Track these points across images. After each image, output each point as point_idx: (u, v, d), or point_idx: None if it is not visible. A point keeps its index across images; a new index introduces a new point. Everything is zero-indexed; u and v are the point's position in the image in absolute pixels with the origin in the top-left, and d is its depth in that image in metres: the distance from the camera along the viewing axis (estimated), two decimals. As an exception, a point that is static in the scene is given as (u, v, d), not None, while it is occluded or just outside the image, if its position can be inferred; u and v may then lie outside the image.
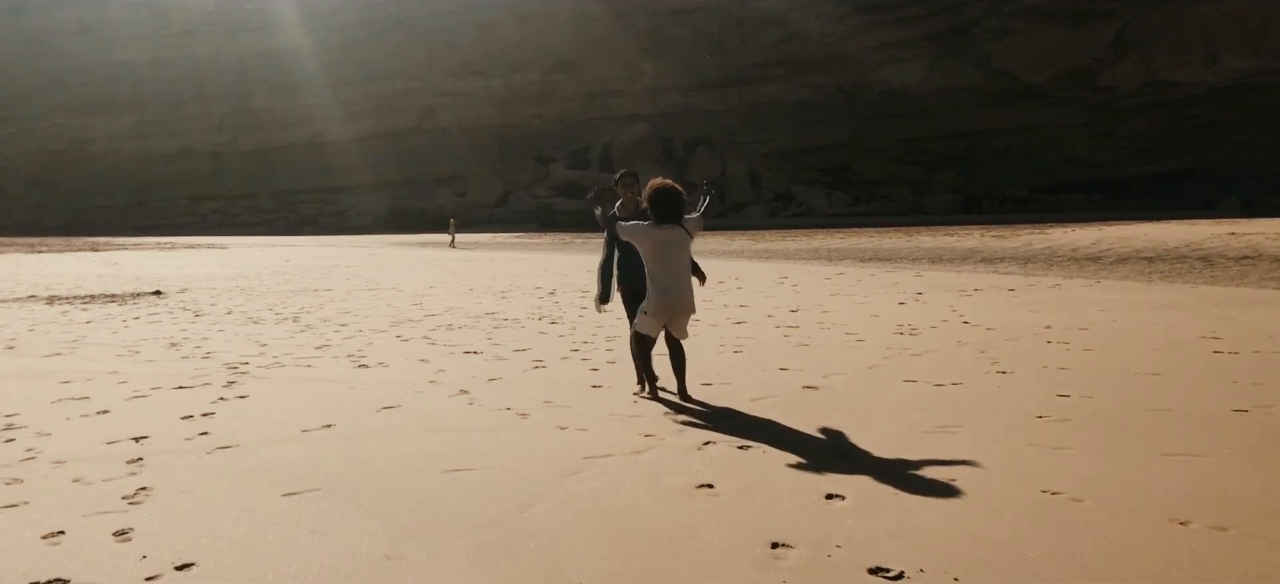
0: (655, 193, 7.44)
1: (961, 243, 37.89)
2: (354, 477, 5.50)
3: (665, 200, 7.40)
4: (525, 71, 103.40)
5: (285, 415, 7.19)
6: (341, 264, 31.58)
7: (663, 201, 7.40)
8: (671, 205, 7.41)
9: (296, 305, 16.39)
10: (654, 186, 7.48)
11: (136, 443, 6.39)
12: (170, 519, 4.80)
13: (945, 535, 4.33)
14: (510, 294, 18.14)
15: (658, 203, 7.41)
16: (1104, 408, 6.91)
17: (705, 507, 4.85)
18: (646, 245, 7.40)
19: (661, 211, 7.39)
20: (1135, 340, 10.37)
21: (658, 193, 7.44)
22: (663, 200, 7.40)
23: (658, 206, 7.41)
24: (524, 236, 64.71)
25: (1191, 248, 30.12)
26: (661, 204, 7.40)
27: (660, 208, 7.40)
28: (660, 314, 7.49)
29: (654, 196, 7.44)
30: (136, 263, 34.45)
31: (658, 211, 7.40)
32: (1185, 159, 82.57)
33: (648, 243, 7.39)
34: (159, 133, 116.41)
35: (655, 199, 7.43)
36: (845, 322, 12.69)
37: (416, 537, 4.50)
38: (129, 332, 12.85)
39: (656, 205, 7.42)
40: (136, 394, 8.15)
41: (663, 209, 7.39)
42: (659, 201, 7.41)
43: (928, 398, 7.46)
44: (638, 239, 7.47)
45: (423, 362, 9.83)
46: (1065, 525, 4.45)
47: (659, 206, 7.41)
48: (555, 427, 6.68)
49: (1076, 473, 5.26)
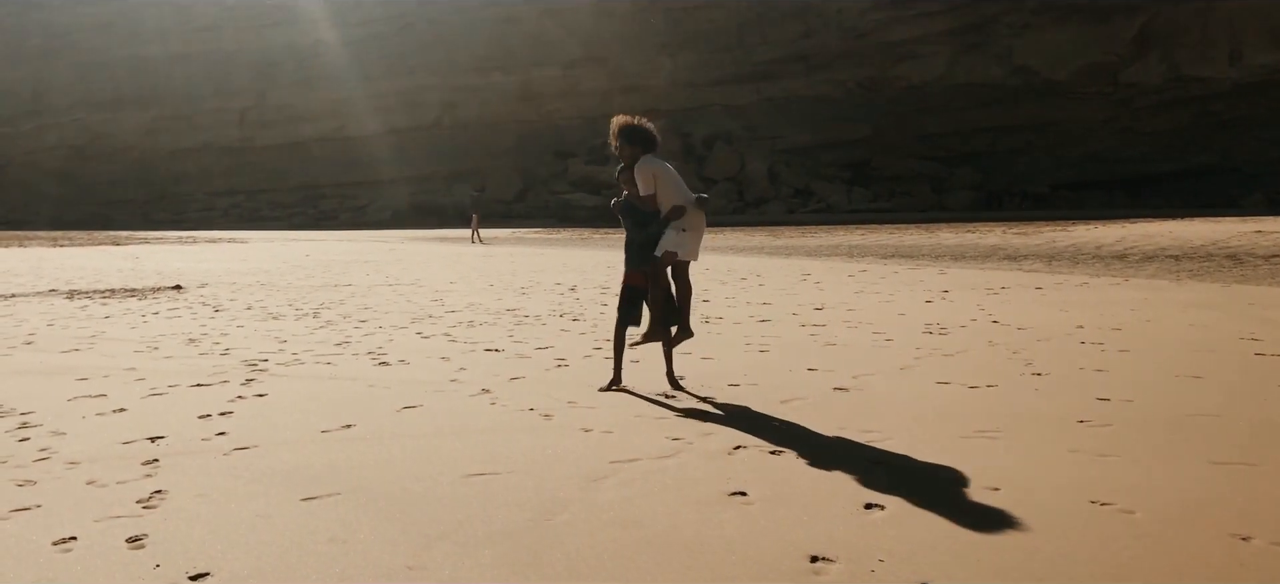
0: (630, 129, 7.69)
1: (983, 240, 37.53)
2: (374, 480, 5.34)
3: (644, 130, 7.71)
4: (544, 67, 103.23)
5: (304, 415, 7.04)
6: (361, 259, 31.51)
7: (644, 132, 7.70)
8: (649, 135, 7.70)
9: (316, 301, 16.28)
10: (622, 125, 7.74)
11: (153, 443, 6.25)
12: (185, 525, 4.65)
13: (994, 549, 4.13)
14: (531, 290, 17.98)
15: (640, 135, 7.66)
16: (1147, 412, 6.68)
17: (738, 516, 4.66)
18: (669, 177, 7.61)
19: (649, 141, 7.66)
20: (1171, 342, 10.12)
21: (633, 128, 7.69)
22: (643, 131, 7.70)
23: (644, 138, 7.64)
24: (543, 232, 64.57)
25: (1218, 246, 29.73)
26: (644, 134, 7.68)
27: (646, 138, 7.66)
28: (698, 227, 7.72)
29: (633, 131, 7.67)
30: (157, 257, 34.48)
31: (647, 142, 7.63)
32: (1209, 156, 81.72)
33: (667, 175, 7.61)
34: (180, 127, 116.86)
35: (637, 133, 7.66)
36: (872, 320, 12.46)
37: (439, 545, 4.33)
38: (148, 327, 12.74)
39: (641, 137, 7.63)
40: (154, 392, 8.02)
41: (648, 138, 7.68)
42: (642, 133, 7.67)
43: (963, 400, 7.25)
44: (666, 177, 7.61)
45: (444, 359, 9.67)
46: (1119, 539, 4.24)
47: (645, 137, 7.66)
48: (579, 428, 6.51)
49: (1125, 482, 5.05)
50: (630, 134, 7.64)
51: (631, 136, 7.63)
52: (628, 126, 7.67)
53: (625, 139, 7.63)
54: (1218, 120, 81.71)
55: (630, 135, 7.64)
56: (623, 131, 7.66)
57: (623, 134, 7.65)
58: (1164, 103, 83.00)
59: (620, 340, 7.92)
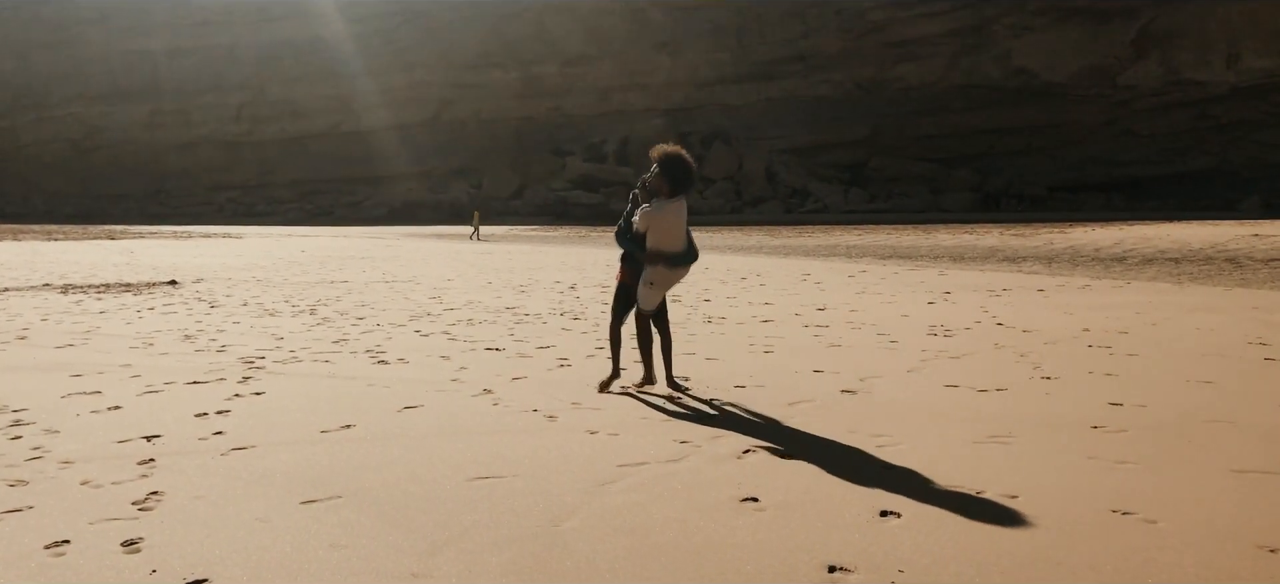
0: (674, 160, 7.30)
1: (981, 241, 37.46)
2: (376, 482, 5.21)
3: (686, 169, 7.34)
4: (542, 64, 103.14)
5: (303, 414, 6.91)
6: (358, 255, 31.37)
7: (684, 170, 7.34)
8: (689, 175, 7.36)
9: (313, 297, 16.14)
10: (668, 153, 7.33)
11: (148, 442, 6.12)
12: (182, 528, 4.52)
13: (1017, 561, 4.01)
14: (530, 288, 17.86)
15: (680, 171, 7.31)
16: (1161, 418, 6.56)
17: (751, 523, 4.54)
18: (669, 221, 7.29)
19: (683, 181, 7.34)
20: (1179, 345, 10.01)
21: (677, 161, 7.31)
22: (684, 169, 7.34)
23: (680, 176, 7.32)
24: (540, 229, 64.45)
25: (1217, 249, 29.66)
26: (683, 172, 7.33)
27: (682, 177, 7.33)
28: (665, 285, 7.51)
29: (675, 164, 7.29)
30: (152, 252, 34.31)
31: (679, 181, 7.32)
32: (1206, 159, 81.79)
33: (671, 218, 7.29)
34: (176, 122, 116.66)
35: (677, 167, 7.30)
36: (875, 321, 12.35)
37: (444, 551, 4.21)
38: (143, 323, 12.60)
39: (678, 174, 7.31)
40: (149, 389, 7.89)
41: (685, 178, 7.34)
42: (681, 170, 7.32)
43: (972, 404, 7.13)
44: (662, 219, 7.28)
45: (444, 358, 9.54)
46: (1143, 550, 4.12)
47: (681, 176, 7.32)
48: (585, 430, 6.38)
49: (1145, 491, 4.93)
50: (669, 167, 7.28)
51: (669, 169, 7.29)
52: (670, 158, 7.30)
53: (664, 167, 7.28)
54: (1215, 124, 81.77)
55: (668, 167, 7.28)
56: (664, 162, 7.28)
57: (663, 164, 7.28)
58: (1162, 106, 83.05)
59: (616, 336, 7.83)
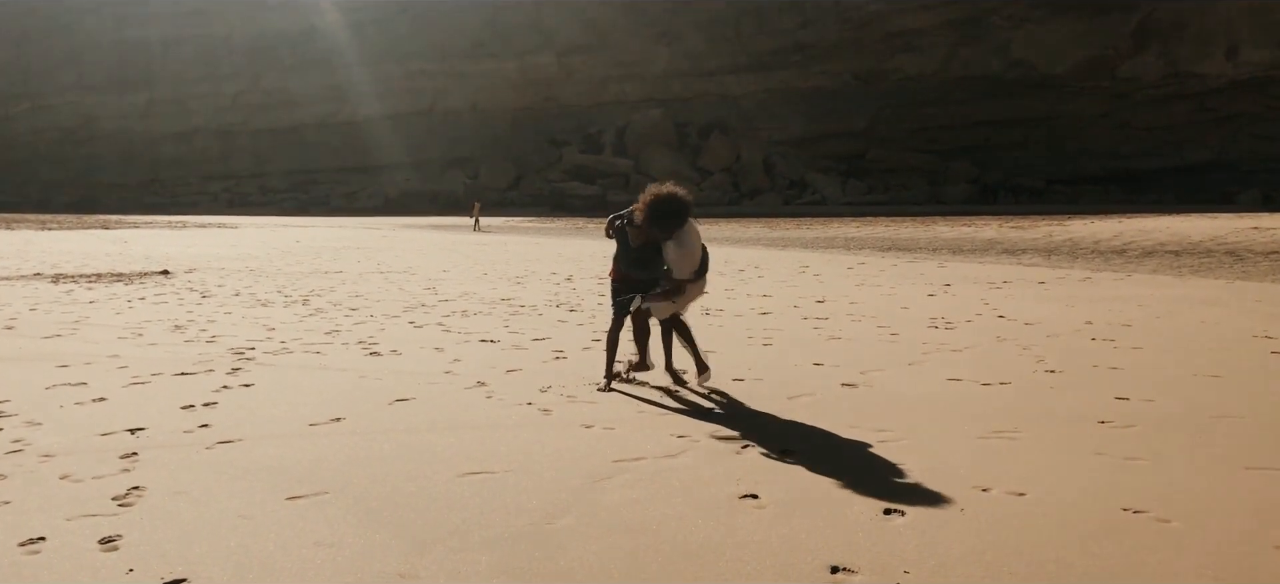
0: (659, 208, 6.92)
1: (980, 233, 37.30)
2: (364, 478, 5.05)
3: (668, 211, 6.93)
4: (539, 54, 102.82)
5: (291, 407, 6.75)
6: (353, 246, 31.18)
7: (666, 212, 6.93)
8: (675, 213, 6.94)
9: (306, 287, 15.98)
10: (654, 197, 6.95)
11: (132, 435, 5.96)
12: (162, 525, 4.36)
13: (1027, 562, 3.87)
14: (525, 279, 17.70)
15: (662, 215, 6.92)
16: (1168, 413, 6.42)
17: (751, 521, 4.39)
18: (693, 247, 7.05)
19: (668, 222, 6.94)
20: (1184, 339, 9.87)
21: (660, 207, 6.92)
22: (666, 211, 6.93)
23: (663, 218, 6.93)
24: (537, 220, 64.24)
25: (1217, 242, 29.52)
26: (666, 215, 6.93)
27: (666, 219, 6.93)
28: (689, 300, 7.38)
29: (661, 211, 6.92)
30: (146, 241, 34.10)
31: (663, 223, 6.93)
32: (1205, 152, 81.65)
33: (693, 246, 7.05)
34: (171, 111, 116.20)
35: (663, 214, 6.92)
36: (875, 313, 12.20)
37: (433, 551, 4.06)
38: (133, 313, 12.43)
39: (661, 218, 6.93)
40: (136, 380, 7.73)
41: (669, 218, 6.94)
42: (667, 212, 6.92)
43: (976, 398, 6.99)
44: (692, 253, 7.07)
45: (437, 350, 9.39)
46: (1157, 550, 3.98)
47: (665, 218, 6.93)
48: (580, 424, 6.23)
49: (1156, 488, 4.79)
50: (657, 211, 6.93)
51: (657, 219, 6.94)
52: (659, 203, 6.93)
53: (653, 218, 6.94)
54: (1214, 116, 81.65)
55: (656, 213, 6.93)
56: (653, 209, 6.93)
57: (652, 213, 6.93)
58: (1161, 98, 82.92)
59: (613, 341, 7.48)
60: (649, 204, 6.91)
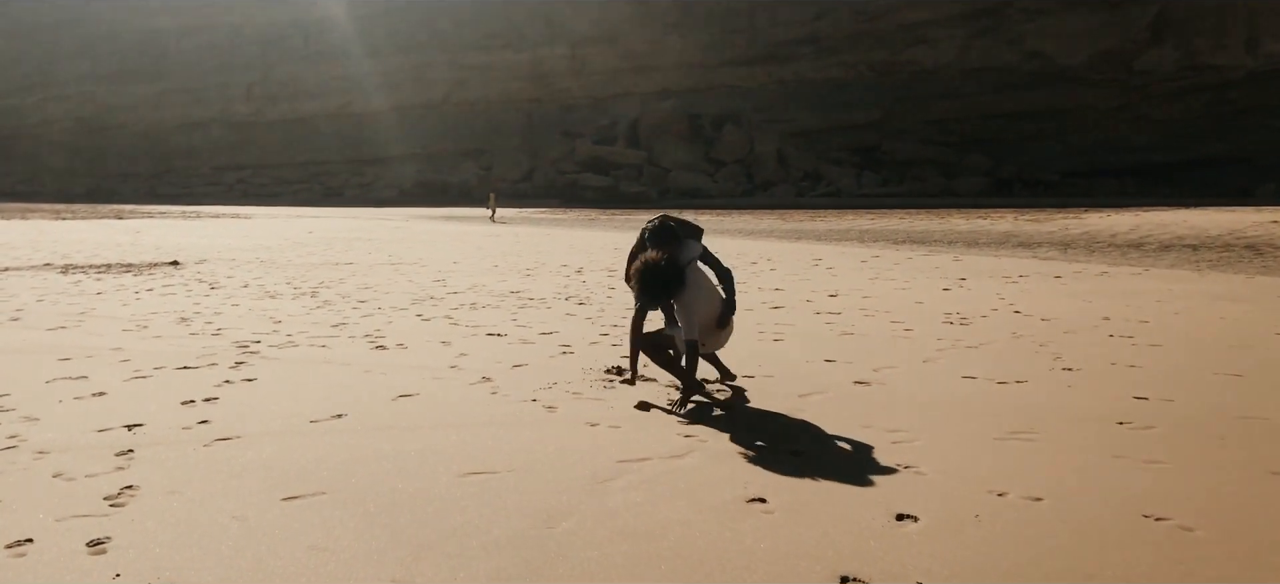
0: (645, 272, 6.50)
1: (995, 226, 37.04)
2: (363, 478, 4.93)
3: (655, 279, 6.49)
4: (553, 45, 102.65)
5: (293, 402, 6.63)
6: (365, 237, 31.11)
7: (654, 281, 6.49)
8: (666, 280, 6.49)
9: (316, 279, 15.88)
10: (641, 267, 6.54)
11: (129, 431, 5.85)
12: (154, 527, 4.25)
13: (1045, 572, 3.72)
14: (536, 272, 17.57)
15: (653, 285, 6.50)
16: (1189, 414, 6.25)
17: (759, 526, 4.25)
18: (701, 302, 6.69)
19: (663, 289, 6.52)
20: (1204, 336, 9.68)
21: (648, 272, 6.49)
22: (653, 280, 6.49)
23: (656, 288, 6.52)
24: (550, 212, 64.11)
25: (1236, 236, 29.22)
26: (658, 285, 6.50)
27: (659, 288, 6.51)
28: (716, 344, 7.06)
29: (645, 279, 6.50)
30: (158, 231, 34.12)
31: (659, 292, 6.54)
32: (1222, 145, 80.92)
33: (703, 297, 6.72)
34: (186, 101, 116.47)
35: (649, 283, 6.50)
36: (889, 308, 12.03)
37: (430, 556, 3.93)
38: (140, 304, 12.35)
39: (654, 288, 6.51)
40: (137, 374, 7.62)
41: (663, 287, 6.51)
42: (651, 280, 6.49)
43: (992, 397, 6.83)
44: (698, 306, 6.64)
45: (444, 344, 9.27)
46: (1182, 561, 3.83)
47: (657, 288, 6.51)
48: (585, 423, 6.10)
49: (1178, 494, 4.63)
50: (647, 283, 6.53)
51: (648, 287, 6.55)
52: (645, 275, 6.52)
53: (646, 291, 6.57)
54: (1232, 109, 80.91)
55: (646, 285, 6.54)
56: (641, 282, 6.54)
57: (643, 287, 6.55)
58: (1178, 90, 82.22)
59: (637, 328, 7.09)
60: (637, 277, 6.55)
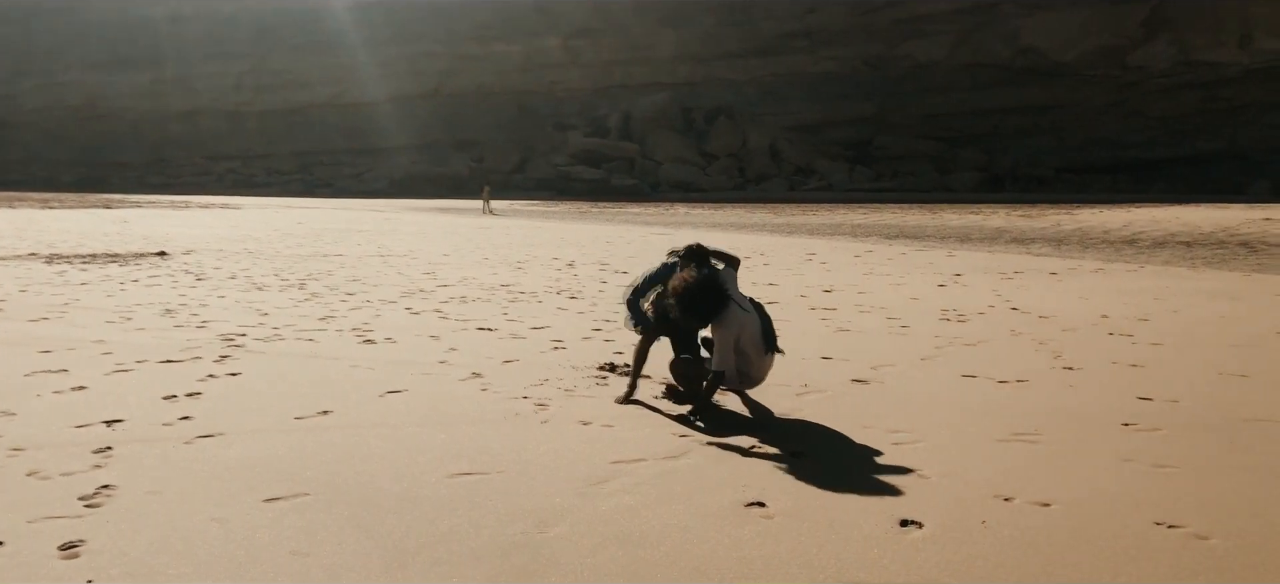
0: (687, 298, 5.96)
1: (988, 222, 36.97)
2: (349, 478, 4.77)
3: (700, 298, 5.97)
4: (545, 38, 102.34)
5: (278, 398, 6.47)
6: (355, 228, 30.91)
7: (699, 300, 5.98)
8: (712, 303, 5.99)
9: (304, 271, 15.69)
10: (686, 285, 5.99)
11: (109, 427, 5.68)
12: (130, 530, 4.08)
13: (1057, 582, 3.57)
14: (527, 265, 17.40)
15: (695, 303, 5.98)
16: (1195, 415, 6.12)
17: (758, 532, 4.10)
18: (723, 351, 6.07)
19: (699, 311, 6.02)
20: (1204, 335, 9.56)
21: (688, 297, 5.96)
22: (698, 299, 5.97)
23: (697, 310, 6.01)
24: (541, 204, 63.92)
25: (1229, 233, 29.18)
26: (698, 303, 5.99)
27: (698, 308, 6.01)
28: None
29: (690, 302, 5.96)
30: (147, 221, 33.85)
31: (697, 312, 6.02)
32: (1216, 142, 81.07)
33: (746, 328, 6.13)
34: (176, 90, 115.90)
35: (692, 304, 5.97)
36: (885, 304, 11.90)
37: (417, 561, 3.77)
38: (125, 295, 12.16)
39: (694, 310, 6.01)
40: (119, 368, 7.44)
41: (702, 309, 6.01)
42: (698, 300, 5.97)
43: (993, 397, 6.69)
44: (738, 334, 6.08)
45: (433, 338, 9.10)
46: (1198, 572, 3.68)
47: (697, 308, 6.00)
48: (577, 421, 5.94)
49: (1190, 500, 4.49)
50: (688, 304, 6.00)
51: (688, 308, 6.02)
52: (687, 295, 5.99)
53: (683, 309, 6.03)
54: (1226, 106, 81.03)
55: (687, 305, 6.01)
56: (682, 303, 6.00)
57: (682, 305, 6.01)
58: (1172, 87, 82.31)
59: (642, 354, 6.68)
60: (678, 297, 5.99)
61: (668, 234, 28.47)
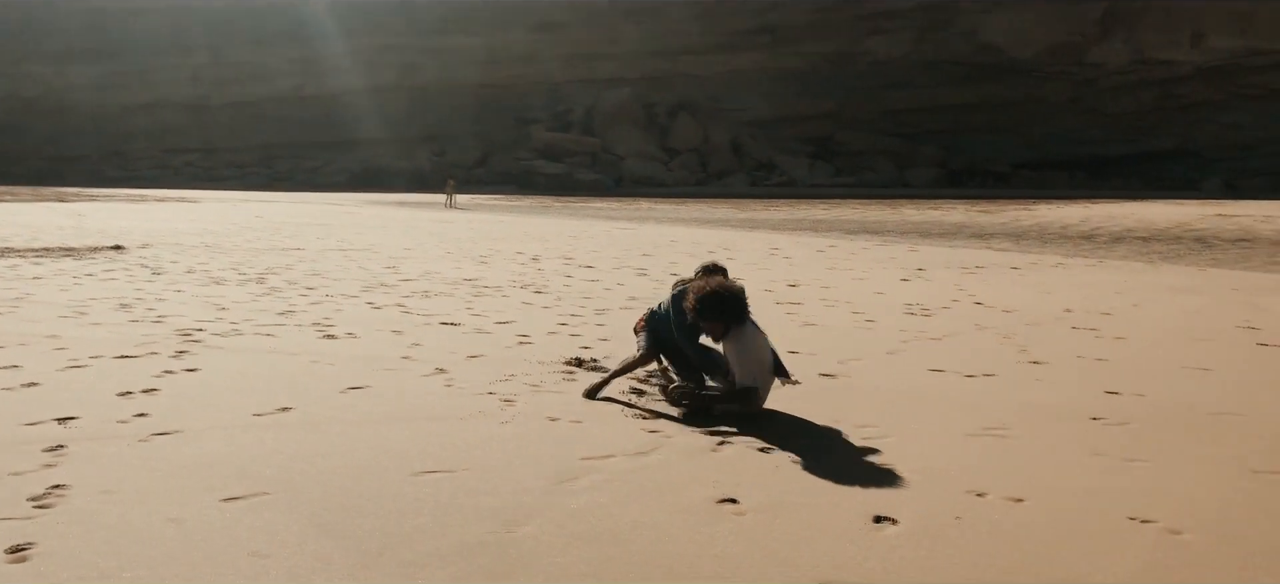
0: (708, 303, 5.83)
1: (948, 217, 37.22)
2: (309, 477, 4.65)
3: (721, 303, 5.86)
4: (507, 31, 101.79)
5: (237, 394, 6.32)
6: (315, 222, 30.55)
7: (721, 305, 5.87)
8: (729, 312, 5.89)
9: (263, 265, 15.46)
10: (709, 288, 5.88)
11: (61, 425, 5.51)
12: (82, 532, 3.94)
13: (1034, 578, 3.54)
14: (490, 259, 17.25)
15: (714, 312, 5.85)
16: (1162, 409, 6.14)
17: (731, 529, 4.04)
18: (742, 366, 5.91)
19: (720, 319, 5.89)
20: (1166, 328, 9.64)
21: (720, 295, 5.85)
22: (720, 303, 5.86)
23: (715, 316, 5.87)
24: (504, 198, 63.59)
25: (1184, 229, 29.58)
26: (719, 309, 5.87)
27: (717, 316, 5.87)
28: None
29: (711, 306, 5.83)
30: (102, 215, 33.28)
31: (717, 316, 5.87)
32: (1170, 139, 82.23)
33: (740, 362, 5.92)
34: (134, 83, 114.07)
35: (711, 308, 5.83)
36: (849, 299, 11.89)
37: (381, 563, 3.67)
38: (80, 290, 11.89)
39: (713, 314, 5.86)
40: (73, 364, 7.25)
41: (721, 314, 5.88)
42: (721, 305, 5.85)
43: (961, 391, 6.68)
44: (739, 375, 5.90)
45: (396, 333, 8.96)
46: (1174, 567, 3.66)
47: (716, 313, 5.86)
48: (545, 417, 5.85)
49: (1161, 494, 4.48)
50: (709, 308, 5.87)
51: (708, 311, 5.89)
52: (710, 298, 5.87)
53: (703, 314, 5.90)
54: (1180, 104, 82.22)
55: (707, 309, 5.88)
56: (703, 305, 5.87)
57: (703, 311, 5.88)
58: (1127, 85, 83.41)
59: (627, 369, 6.56)
60: (702, 298, 5.84)
61: (631, 229, 28.36)
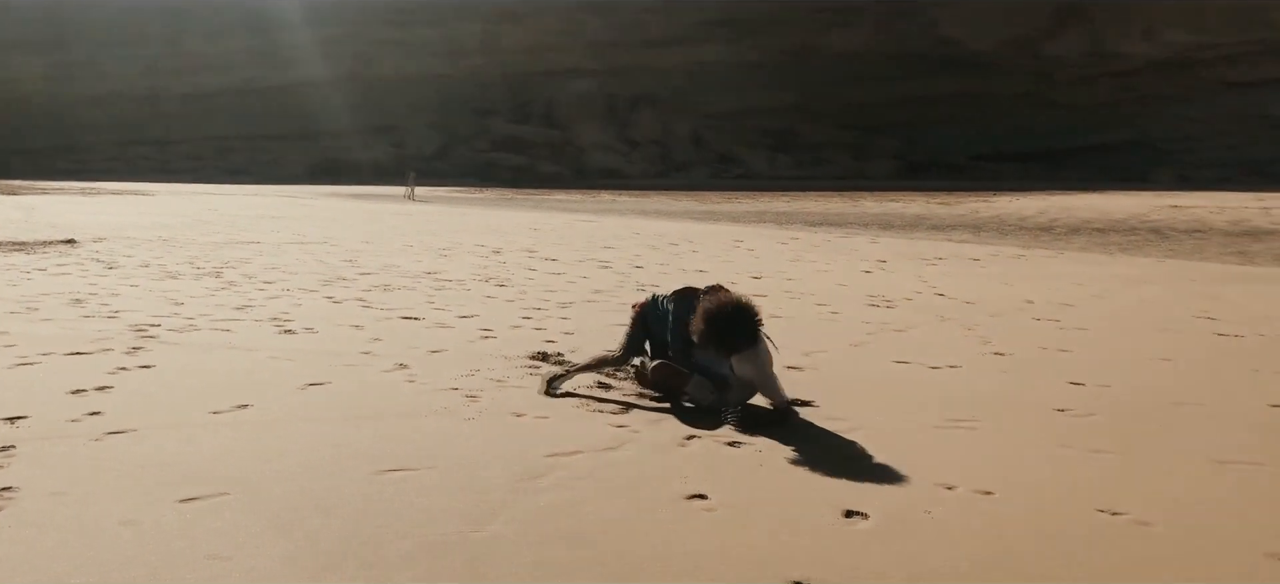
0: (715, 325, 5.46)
1: (907, 209, 37.48)
2: (269, 476, 4.53)
3: (735, 322, 5.50)
4: (467, 22, 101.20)
5: (193, 392, 6.18)
6: (271, 214, 30.18)
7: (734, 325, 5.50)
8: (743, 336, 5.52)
9: (219, 259, 15.22)
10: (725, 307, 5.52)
11: (11, 425, 5.35)
12: (32, 535, 3.81)
13: (1008, 572, 3.51)
14: (451, 252, 17.11)
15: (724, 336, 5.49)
16: (1126, 401, 6.16)
17: (701, 526, 3.98)
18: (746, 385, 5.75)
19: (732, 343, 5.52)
20: (1126, 319, 9.73)
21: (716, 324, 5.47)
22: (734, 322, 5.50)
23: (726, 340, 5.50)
24: (464, 190, 63.22)
25: (1140, 220, 29.96)
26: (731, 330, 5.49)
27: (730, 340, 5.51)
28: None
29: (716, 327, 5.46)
30: (54, 208, 32.69)
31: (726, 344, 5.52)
32: (1125, 131, 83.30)
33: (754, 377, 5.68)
34: (86, 74, 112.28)
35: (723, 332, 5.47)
36: (813, 291, 11.90)
37: (344, 565, 3.57)
38: (30, 285, 11.63)
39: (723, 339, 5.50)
40: (22, 361, 7.06)
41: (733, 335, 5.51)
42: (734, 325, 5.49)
43: (926, 383, 6.68)
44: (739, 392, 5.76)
45: (356, 328, 8.83)
46: (1145, 560, 3.65)
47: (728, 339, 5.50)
48: (510, 413, 5.76)
49: (1129, 486, 4.47)
50: (720, 331, 5.49)
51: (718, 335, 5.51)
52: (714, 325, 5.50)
53: (711, 336, 5.52)
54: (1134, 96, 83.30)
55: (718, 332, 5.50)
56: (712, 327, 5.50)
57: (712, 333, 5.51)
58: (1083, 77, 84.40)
59: (598, 366, 6.41)
60: (711, 320, 5.48)
61: (593, 220, 28.27)
